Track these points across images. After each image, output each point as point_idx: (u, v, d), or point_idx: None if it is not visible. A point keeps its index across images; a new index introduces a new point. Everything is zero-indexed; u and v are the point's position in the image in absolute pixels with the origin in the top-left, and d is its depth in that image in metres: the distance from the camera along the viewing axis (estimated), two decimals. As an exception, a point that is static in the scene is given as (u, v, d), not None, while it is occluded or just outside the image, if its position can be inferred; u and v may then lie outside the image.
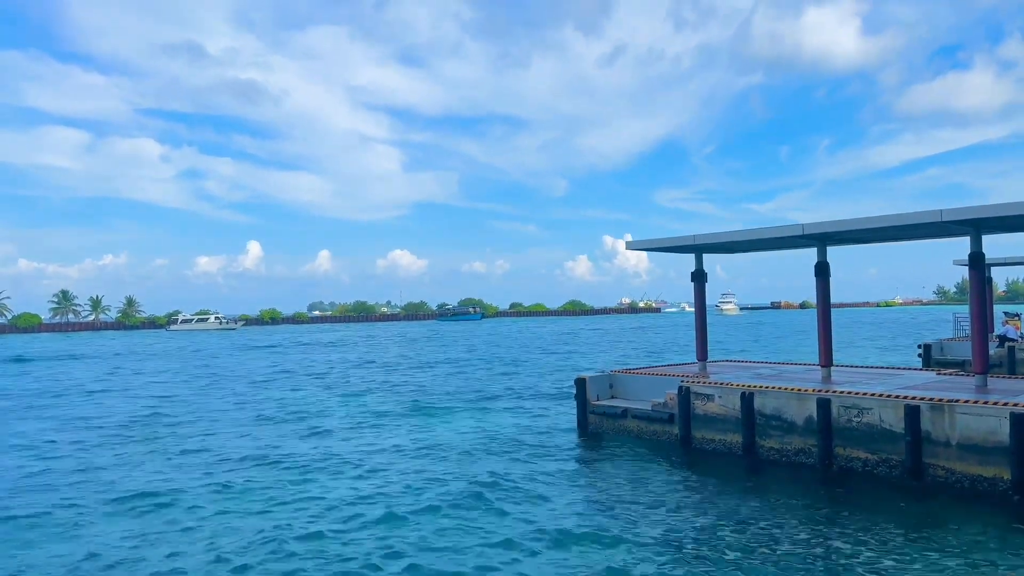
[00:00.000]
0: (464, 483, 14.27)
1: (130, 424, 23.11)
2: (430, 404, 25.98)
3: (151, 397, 30.47)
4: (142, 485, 14.77)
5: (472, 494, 13.39)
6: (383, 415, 23.78)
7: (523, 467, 15.64)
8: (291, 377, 38.46)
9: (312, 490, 14.13)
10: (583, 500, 13.02)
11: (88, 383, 37.88)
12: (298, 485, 14.56)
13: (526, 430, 20.11)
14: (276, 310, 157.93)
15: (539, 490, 13.66)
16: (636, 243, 21.10)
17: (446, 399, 27.34)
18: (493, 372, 38.37)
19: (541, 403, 25.59)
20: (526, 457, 16.65)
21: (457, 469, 15.60)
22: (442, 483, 14.37)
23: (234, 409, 26.00)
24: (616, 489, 13.63)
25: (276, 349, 66.54)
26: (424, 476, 15.03)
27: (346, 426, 21.77)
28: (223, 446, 18.94)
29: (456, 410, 24.42)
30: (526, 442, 18.36)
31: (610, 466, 15.61)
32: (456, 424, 21.61)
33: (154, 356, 60.90)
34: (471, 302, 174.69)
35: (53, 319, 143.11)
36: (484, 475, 14.92)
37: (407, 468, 15.86)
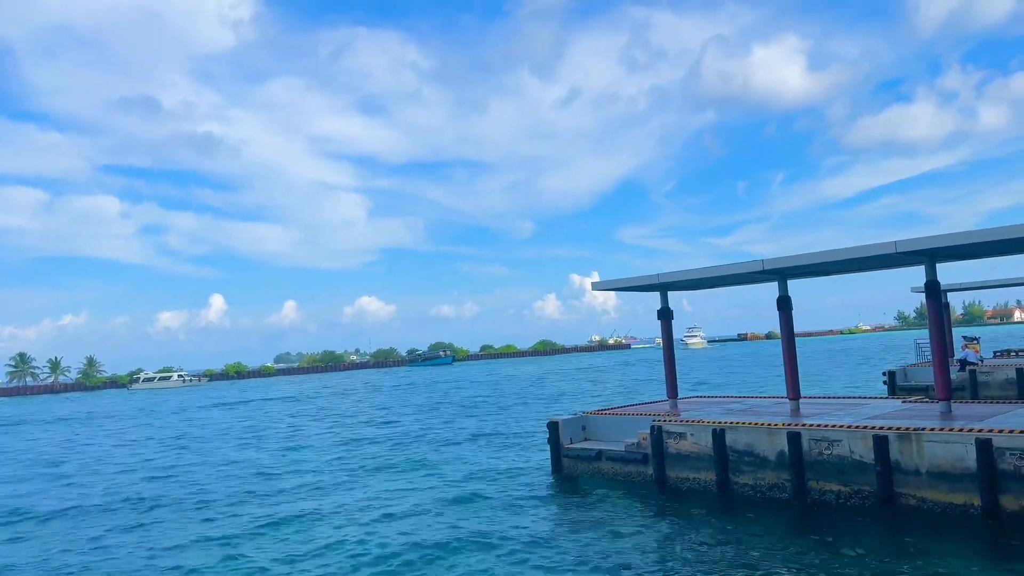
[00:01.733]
0: (438, 529, 13.96)
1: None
2: (401, 452, 25.51)
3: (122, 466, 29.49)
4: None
5: (445, 540, 13.09)
6: (351, 469, 23.27)
7: (497, 513, 15.38)
8: (251, 437, 37.58)
9: (263, 553, 13.69)
10: (558, 546, 12.81)
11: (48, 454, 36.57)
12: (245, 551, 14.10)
13: (501, 475, 19.84)
14: (242, 364, 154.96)
15: (513, 536, 13.41)
16: (602, 283, 21.23)
17: (417, 446, 26.88)
18: (465, 416, 37.93)
19: (515, 446, 25.31)
20: (501, 502, 16.40)
21: (431, 515, 15.27)
22: (415, 529, 14.03)
23: (201, 472, 25.25)
24: (591, 534, 13.45)
25: (234, 407, 65.12)
26: (395, 525, 14.67)
27: (310, 483, 21.25)
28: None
29: (428, 456, 24.01)
30: (501, 487, 18.09)
31: (585, 510, 15.42)
32: (429, 470, 21.23)
33: (104, 419, 59.15)
34: (441, 346, 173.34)
35: (10, 383, 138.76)
36: (457, 521, 14.63)
37: (378, 517, 15.47)
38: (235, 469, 24.73)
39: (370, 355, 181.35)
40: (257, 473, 23.52)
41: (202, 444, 33.75)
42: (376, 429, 35.21)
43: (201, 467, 25.83)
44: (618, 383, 59.07)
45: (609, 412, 20.10)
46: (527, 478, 19.28)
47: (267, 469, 24.25)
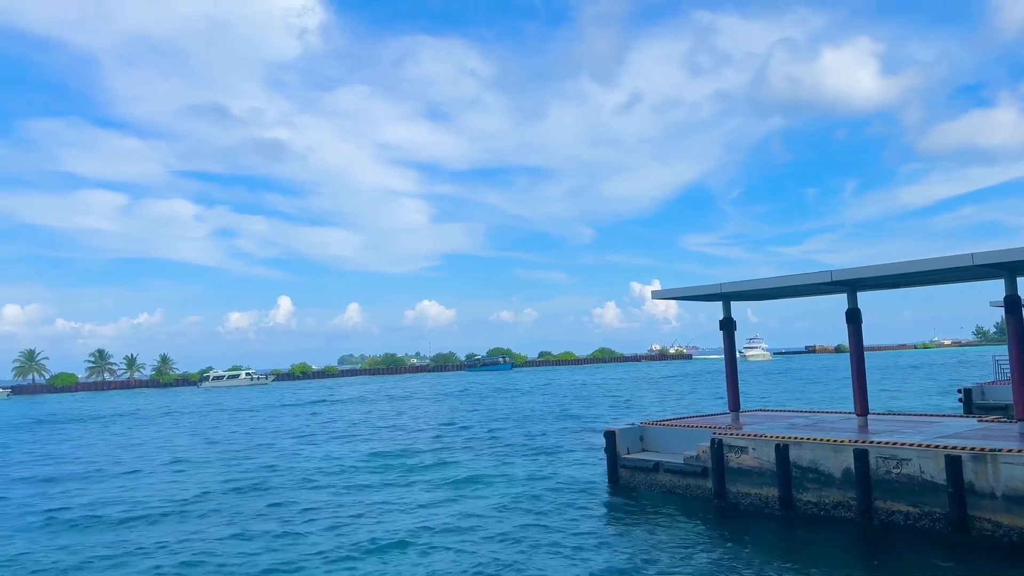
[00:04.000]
0: (491, 536, 14.02)
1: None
2: (455, 457, 25.73)
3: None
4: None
5: (498, 548, 13.14)
6: (412, 470, 23.58)
7: (552, 522, 15.35)
8: (320, 437, 38.45)
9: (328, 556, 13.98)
10: (613, 558, 12.70)
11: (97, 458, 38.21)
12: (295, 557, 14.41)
13: (556, 483, 19.80)
14: (307, 364, 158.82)
15: (568, 547, 13.37)
16: (662, 292, 21.00)
17: (472, 451, 27.07)
18: (522, 422, 37.99)
19: (571, 454, 25.21)
20: (556, 511, 16.37)
21: (484, 522, 15.35)
22: (465, 537, 14.13)
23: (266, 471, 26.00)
24: (649, 547, 13.30)
25: (308, 407, 66.68)
26: (452, 533, 14.80)
27: (374, 483, 21.62)
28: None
29: (483, 461, 24.15)
30: (556, 495, 18.07)
31: (642, 522, 15.26)
32: (484, 476, 21.33)
33: (181, 415, 61.36)
34: (500, 351, 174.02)
35: (89, 378, 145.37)
36: (511, 528, 14.67)
37: (436, 524, 15.64)
38: (303, 465, 25.37)
39: (430, 359, 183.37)
40: (300, 477, 24.08)
41: (279, 441, 34.72)
42: (436, 433, 35.59)
43: (286, 461, 26.59)
44: (678, 394, 58.21)
45: (668, 423, 19.84)
46: (583, 487, 19.19)
47: (320, 467, 24.81)
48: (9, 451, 36.41)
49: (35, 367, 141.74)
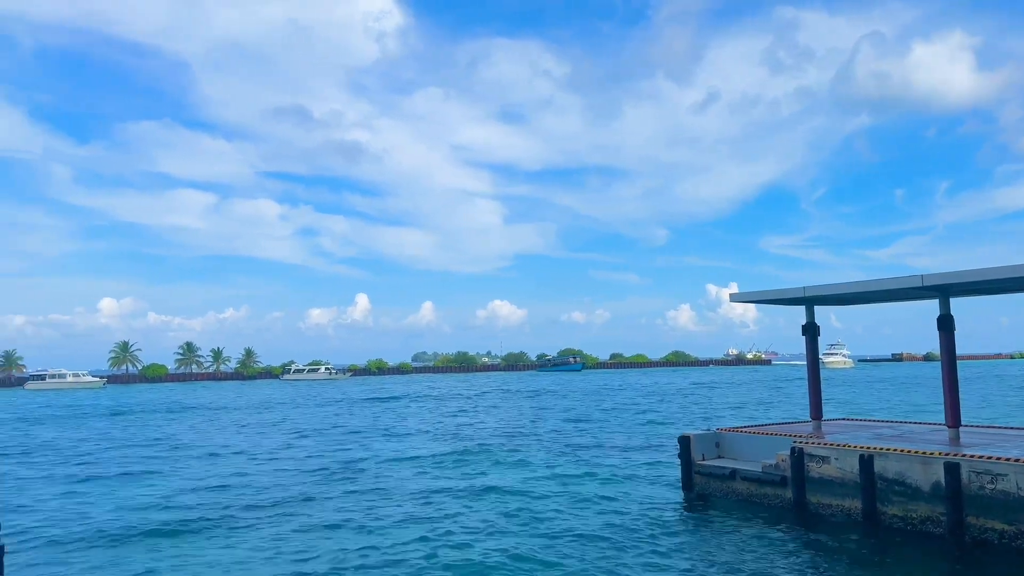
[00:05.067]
0: (560, 542, 14.04)
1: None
2: (530, 458, 25.84)
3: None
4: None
5: (568, 553, 13.15)
6: (484, 470, 23.82)
7: (625, 527, 15.25)
8: (399, 431, 39.25)
9: (406, 549, 14.26)
10: (691, 567, 12.53)
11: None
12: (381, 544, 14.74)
13: (629, 488, 19.65)
14: (383, 360, 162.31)
15: (639, 553, 13.26)
16: (741, 295, 20.57)
17: (546, 452, 27.12)
18: (594, 425, 37.83)
19: (644, 459, 24.96)
20: (628, 516, 16.24)
21: (555, 527, 15.37)
22: (540, 540, 14.19)
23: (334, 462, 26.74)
24: (726, 556, 13.06)
25: (385, 402, 68.12)
26: (518, 535, 14.90)
27: (449, 481, 21.95)
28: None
29: (552, 463, 24.17)
30: (628, 501, 17.93)
31: (718, 530, 14.99)
32: (554, 479, 21.34)
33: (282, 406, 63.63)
34: (571, 352, 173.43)
35: (178, 369, 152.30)
36: (581, 534, 14.64)
37: (503, 525, 15.77)
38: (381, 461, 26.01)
39: (501, 358, 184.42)
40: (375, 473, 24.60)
41: (364, 435, 35.68)
42: (507, 433, 35.82)
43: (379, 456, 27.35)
44: (755, 400, 56.78)
45: (746, 430, 19.41)
46: (655, 493, 18.98)
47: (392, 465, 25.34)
48: (147, 430, 38.65)
49: (129, 358, 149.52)
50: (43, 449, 33.14)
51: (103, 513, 18.09)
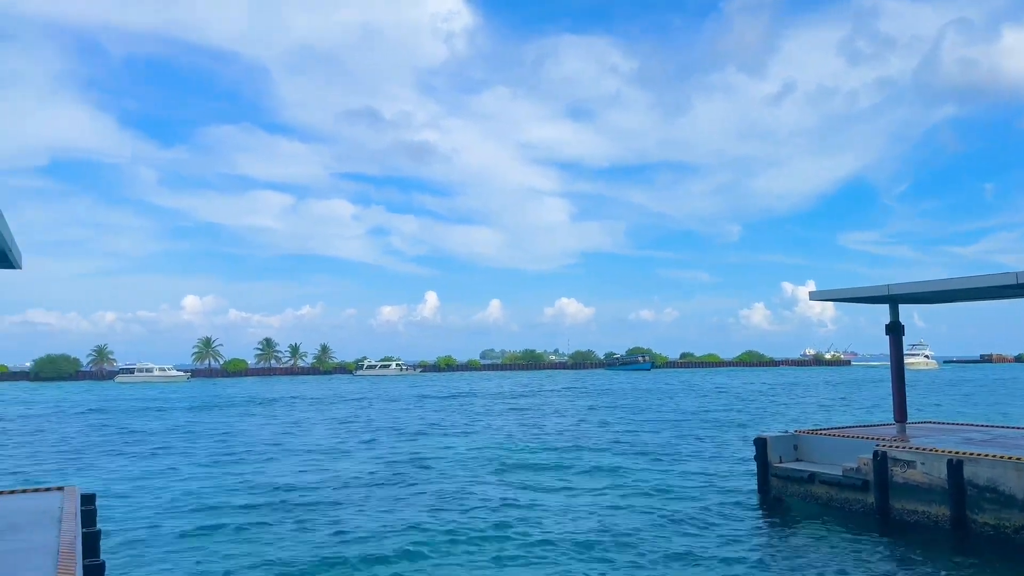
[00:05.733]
0: (635, 546, 13.95)
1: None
2: (601, 458, 25.75)
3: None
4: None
5: (644, 558, 13.05)
6: (555, 468, 23.87)
7: (699, 530, 15.05)
8: (470, 427, 39.69)
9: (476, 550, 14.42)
10: (769, 572, 12.26)
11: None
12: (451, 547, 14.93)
13: (702, 490, 19.35)
14: (451, 357, 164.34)
15: (719, 556, 13.06)
16: (821, 293, 19.99)
17: (617, 452, 26.98)
18: (665, 425, 37.38)
19: (718, 461, 24.54)
20: (702, 519, 16.01)
21: (626, 529, 15.29)
22: (604, 547, 14.14)
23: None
24: (805, 562, 12.73)
25: (458, 399, 68.97)
26: (589, 535, 14.87)
27: (521, 479, 22.09)
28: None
29: (623, 464, 24.00)
30: (703, 503, 17.67)
31: (796, 535, 14.62)
32: (627, 481, 21.21)
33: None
34: (639, 351, 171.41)
35: (257, 364, 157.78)
36: (655, 538, 14.51)
37: (576, 527, 15.78)
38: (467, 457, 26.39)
39: (568, 356, 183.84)
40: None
41: (435, 430, 36.31)
42: (578, 432, 35.79)
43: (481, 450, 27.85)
44: (834, 402, 54.98)
45: (825, 432, 18.84)
46: (729, 495, 18.62)
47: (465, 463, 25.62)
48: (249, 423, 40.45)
49: (211, 353, 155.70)
50: (143, 438, 34.94)
51: (201, 499, 18.96)
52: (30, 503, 10.23)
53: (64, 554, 7.40)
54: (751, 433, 28.99)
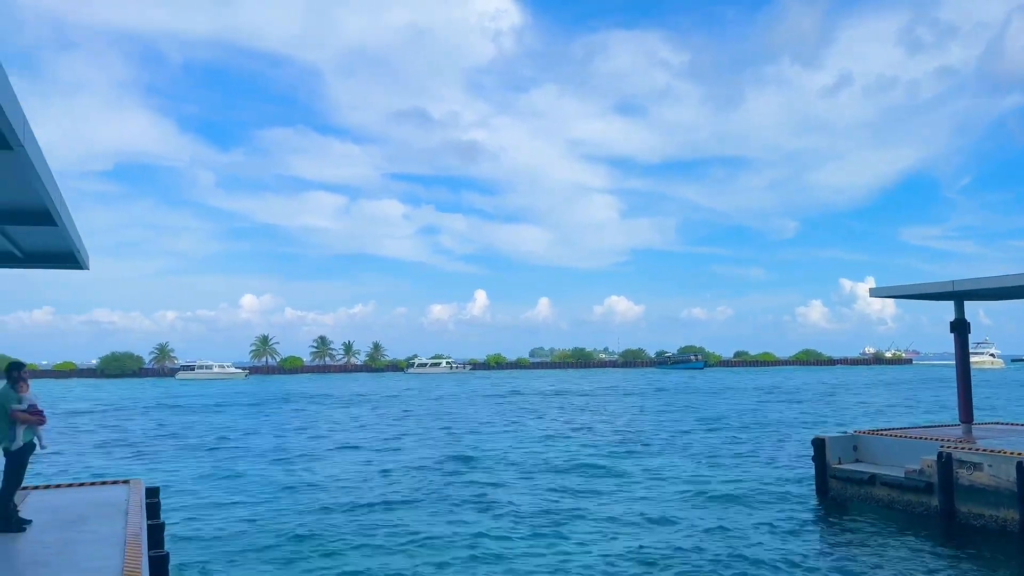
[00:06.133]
0: (692, 549, 13.76)
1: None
2: (654, 458, 25.51)
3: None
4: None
5: (701, 560, 12.87)
6: (608, 469, 23.73)
7: (757, 532, 14.77)
8: (524, 426, 39.77)
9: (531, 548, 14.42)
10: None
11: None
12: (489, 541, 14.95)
13: (759, 491, 18.97)
14: (501, 355, 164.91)
15: (778, 560, 12.79)
16: (881, 290, 19.42)
17: (671, 452, 26.69)
18: (719, 424, 36.81)
19: (774, 462, 24.07)
20: (759, 521, 15.72)
21: (682, 532, 15.10)
22: (666, 548, 13.98)
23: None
24: (868, 566, 12.38)
25: (510, 397, 69.17)
26: (646, 543, 14.73)
27: (574, 478, 22.03)
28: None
29: (681, 465, 23.72)
30: (759, 504, 17.34)
31: (858, 539, 14.22)
32: (683, 482, 20.95)
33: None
34: (692, 350, 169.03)
35: (313, 362, 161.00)
36: (708, 542, 14.30)
37: (630, 530, 15.66)
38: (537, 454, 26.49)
39: (618, 355, 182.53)
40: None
41: (494, 428, 36.55)
42: (630, 431, 35.53)
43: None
44: (895, 402, 53.34)
45: (886, 433, 18.28)
46: (787, 497, 18.22)
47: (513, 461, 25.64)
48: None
49: (268, 351, 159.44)
50: (204, 432, 36.03)
51: (260, 494, 19.45)
52: (98, 495, 10.63)
53: (130, 545, 7.66)
54: (808, 434, 28.32)
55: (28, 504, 9.73)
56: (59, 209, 7.10)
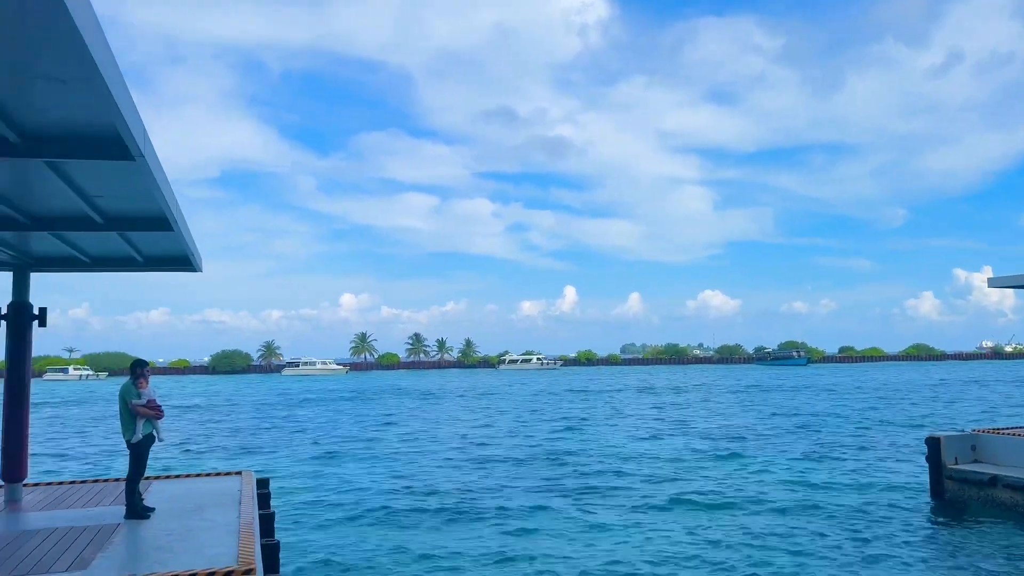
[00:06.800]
0: (803, 552, 13.30)
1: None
2: (759, 459, 24.78)
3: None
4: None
5: (814, 563, 12.42)
6: (714, 468, 23.24)
7: (870, 535, 14.11)
8: (624, 425, 39.47)
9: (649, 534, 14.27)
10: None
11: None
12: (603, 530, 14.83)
13: (870, 492, 18.14)
14: (591, 352, 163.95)
15: (893, 565, 12.19)
16: (1001, 280, 18.16)
17: (776, 452, 25.86)
18: (826, 423, 35.36)
19: (885, 462, 22.92)
20: (872, 522, 15.02)
21: (792, 536, 14.60)
22: (776, 549, 13.56)
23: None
24: (987, 570, 11.61)
25: (604, 394, 68.78)
26: (757, 544, 14.33)
27: (676, 476, 21.70)
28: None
29: (791, 468, 22.93)
30: (872, 506, 16.58)
31: (975, 543, 13.35)
32: (791, 484, 20.24)
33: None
34: (793, 345, 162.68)
35: (408, 358, 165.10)
36: (825, 542, 13.76)
37: (739, 529, 15.27)
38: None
39: (714, 351, 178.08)
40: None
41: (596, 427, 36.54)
42: (734, 430, 34.67)
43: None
44: (1017, 399, 49.76)
45: (1009, 431, 17.07)
46: (899, 499, 17.32)
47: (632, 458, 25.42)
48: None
49: (366, 347, 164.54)
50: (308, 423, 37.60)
51: (365, 485, 20.14)
52: (213, 486, 11.24)
53: (244, 533, 8.07)
54: (920, 433, 26.84)
55: (150, 493, 10.40)
56: (175, 215, 7.54)
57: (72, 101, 4.65)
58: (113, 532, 8.28)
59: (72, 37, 3.28)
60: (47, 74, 4.14)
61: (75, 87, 4.27)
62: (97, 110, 4.62)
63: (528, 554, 13.09)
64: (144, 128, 5.17)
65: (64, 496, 10.53)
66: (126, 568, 6.89)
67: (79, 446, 31.01)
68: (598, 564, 12.46)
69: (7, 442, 10.30)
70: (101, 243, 9.41)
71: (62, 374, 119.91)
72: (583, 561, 12.66)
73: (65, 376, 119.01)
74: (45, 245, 9.42)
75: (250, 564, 6.82)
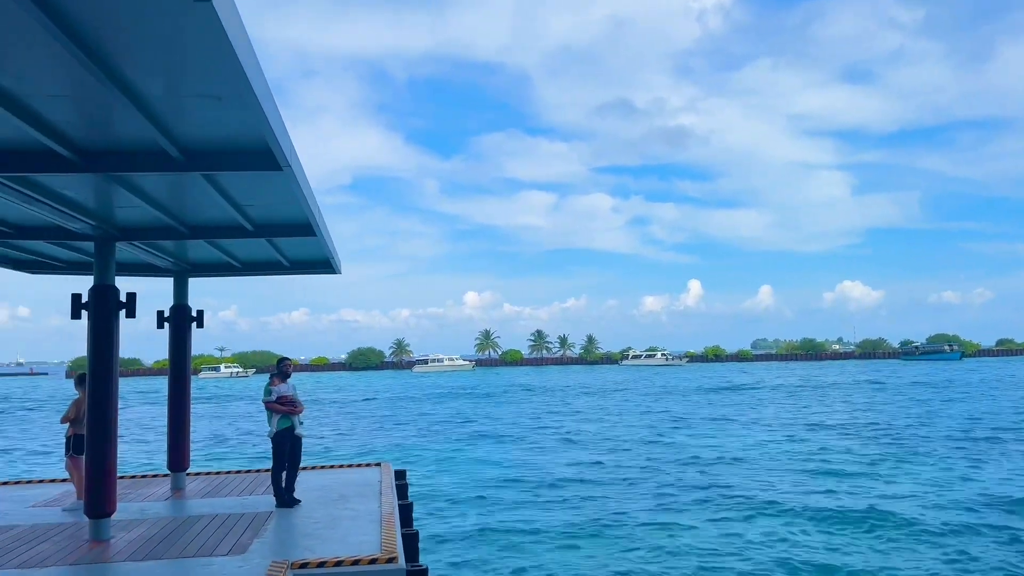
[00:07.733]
0: (973, 559, 12.34)
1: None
2: (912, 464, 23.22)
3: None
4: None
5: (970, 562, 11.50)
6: (866, 473, 21.99)
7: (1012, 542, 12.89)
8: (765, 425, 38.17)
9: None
10: None
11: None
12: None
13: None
14: (719, 347, 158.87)
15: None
16: None
17: (927, 456, 24.18)
18: (982, 424, 32.56)
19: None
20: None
21: (956, 540, 13.57)
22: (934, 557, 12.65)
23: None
24: None
25: (739, 391, 66.87)
26: (917, 548, 13.43)
27: (820, 478, 20.72)
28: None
29: (944, 467, 21.41)
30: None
31: None
32: (947, 487, 18.85)
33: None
34: (944, 338, 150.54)
35: (531, 354, 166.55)
36: (997, 549, 12.70)
37: (895, 543, 14.37)
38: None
39: (855, 345, 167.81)
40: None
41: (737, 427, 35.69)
42: (887, 431, 32.71)
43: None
44: None
45: None
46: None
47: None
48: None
49: (490, 344, 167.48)
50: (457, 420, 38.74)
51: (500, 478, 20.53)
52: (355, 476, 11.76)
53: (386, 522, 8.38)
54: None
55: (296, 484, 10.99)
56: (318, 221, 7.93)
57: (226, 117, 4.97)
58: (267, 520, 8.83)
59: (228, 57, 3.48)
60: (204, 92, 4.45)
61: (229, 103, 4.56)
62: (249, 124, 4.92)
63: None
64: (290, 139, 5.46)
65: (222, 485, 11.33)
66: (280, 554, 7.32)
67: (234, 435, 33.44)
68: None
69: (172, 434, 11.21)
70: (251, 249, 10.05)
71: (215, 372, 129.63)
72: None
73: (217, 374, 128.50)
74: (202, 252, 10.16)
75: (392, 553, 7.08)
